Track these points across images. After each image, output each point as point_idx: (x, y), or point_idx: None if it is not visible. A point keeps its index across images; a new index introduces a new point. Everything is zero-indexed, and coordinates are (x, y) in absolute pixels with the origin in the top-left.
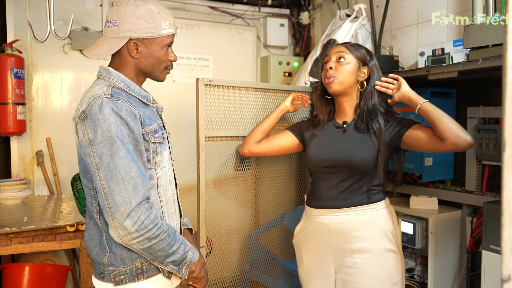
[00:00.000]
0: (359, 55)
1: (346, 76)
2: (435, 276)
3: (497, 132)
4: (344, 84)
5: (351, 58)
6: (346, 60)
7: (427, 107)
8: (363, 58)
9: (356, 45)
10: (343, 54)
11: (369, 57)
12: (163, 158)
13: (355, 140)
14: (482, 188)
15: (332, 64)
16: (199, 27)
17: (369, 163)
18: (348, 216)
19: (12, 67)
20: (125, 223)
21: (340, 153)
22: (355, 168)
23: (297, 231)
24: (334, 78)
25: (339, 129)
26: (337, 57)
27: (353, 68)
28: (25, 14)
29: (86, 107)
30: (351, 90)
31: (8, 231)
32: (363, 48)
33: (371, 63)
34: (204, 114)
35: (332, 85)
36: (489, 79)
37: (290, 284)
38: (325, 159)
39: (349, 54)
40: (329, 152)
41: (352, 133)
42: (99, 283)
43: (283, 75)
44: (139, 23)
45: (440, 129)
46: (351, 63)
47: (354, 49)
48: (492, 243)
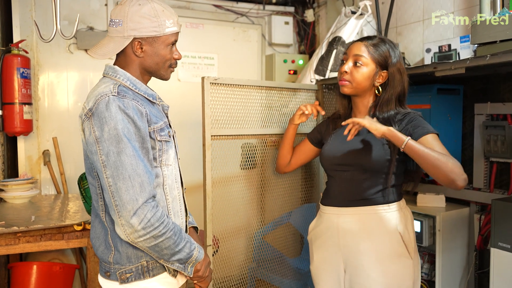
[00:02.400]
0: (378, 58)
1: (360, 81)
2: (443, 274)
3: (505, 128)
4: (357, 89)
5: (369, 62)
6: (363, 64)
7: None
8: (383, 61)
9: (379, 43)
10: (360, 58)
11: (392, 57)
12: (169, 156)
13: (368, 139)
14: (490, 185)
15: (347, 68)
16: (204, 25)
17: (381, 163)
18: (357, 216)
19: (18, 67)
20: (132, 221)
21: (352, 152)
22: (367, 167)
23: (311, 228)
24: (348, 83)
25: None
26: (354, 60)
27: (369, 73)
28: (31, 14)
29: (92, 105)
30: (365, 93)
31: (16, 230)
32: (387, 46)
33: (391, 68)
34: (210, 113)
35: (344, 88)
36: (497, 75)
37: (297, 283)
38: (337, 157)
39: (368, 57)
40: (342, 150)
41: (366, 132)
42: (105, 281)
43: (288, 73)
44: (143, 21)
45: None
46: (368, 67)
47: (375, 50)
48: (501, 241)
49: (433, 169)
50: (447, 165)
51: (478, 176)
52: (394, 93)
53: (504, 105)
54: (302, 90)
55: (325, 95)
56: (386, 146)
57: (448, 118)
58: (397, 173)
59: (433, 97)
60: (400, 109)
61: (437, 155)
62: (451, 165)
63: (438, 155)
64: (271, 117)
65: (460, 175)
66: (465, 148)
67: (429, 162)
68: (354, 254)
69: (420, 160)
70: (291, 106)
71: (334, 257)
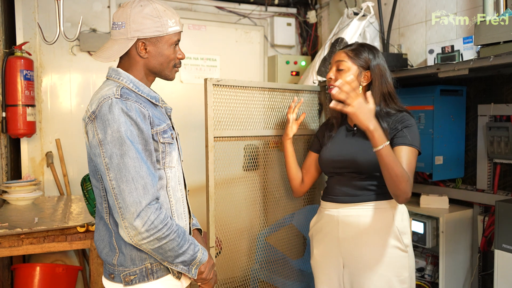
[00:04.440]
0: (358, 60)
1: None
2: (446, 275)
3: (508, 129)
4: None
5: (350, 65)
6: (345, 69)
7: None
8: (363, 62)
9: (357, 49)
10: (341, 64)
11: (372, 58)
12: (172, 158)
13: (363, 142)
14: (494, 186)
15: (331, 74)
16: (206, 27)
17: (375, 164)
18: (356, 210)
19: (21, 69)
20: (135, 223)
21: (348, 155)
22: (362, 168)
23: (312, 224)
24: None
25: (350, 131)
26: (336, 66)
27: (352, 75)
28: (34, 16)
29: (96, 107)
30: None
31: (19, 232)
32: (366, 51)
33: (373, 67)
34: (213, 114)
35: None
36: (500, 76)
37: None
38: (334, 160)
39: (348, 62)
40: (338, 154)
41: (361, 135)
42: (109, 283)
43: (290, 75)
44: (146, 22)
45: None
46: (351, 70)
47: (354, 55)
48: (505, 242)
49: (390, 179)
50: (400, 185)
51: (481, 177)
52: (378, 91)
53: (507, 106)
54: (304, 91)
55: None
56: None
57: (451, 119)
58: None
59: (436, 98)
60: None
61: (400, 171)
62: (403, 186)
63: (401, 172)
64: (273, 118)
65: (404, 195)
66: (468, 149)
67: (390, 173)
68: (353, 247)
69: (383, 166)
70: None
71: (333, 252)
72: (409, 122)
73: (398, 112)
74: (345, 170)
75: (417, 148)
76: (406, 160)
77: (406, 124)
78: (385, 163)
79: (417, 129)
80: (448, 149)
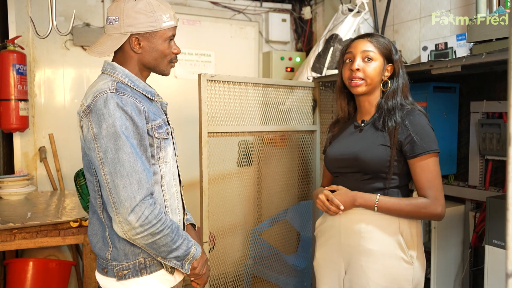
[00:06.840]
0: (384, 51)
1: (373, 76)
2: (437, 271)
3: (500, 126)
4: (371, 86)
5: (377, 56)
6: (372, 59)
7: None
8: (388, 54)
9: (381, 38)
10: (370, 54)
11: (394, 51)
12: (167, 153)
13: (369, 139)
14: (485, 183)
15: (359, 64)
16: (201, 22)
17: (379, 163)
18: (359, 216)
19: (14, 63)
20: (129, 218)
21: (352, 153)
22: (366, 168)
23: (317, 224)
24: (362, 81)
25: (357, 128)
26: (363, 56)
27: (379, 67)
28: (27, 10)
29: (91, 101)
30: (375, 89)
31: (12, 227)
32: (386, 40)
33: (395, 60)
34: (207, 110)
35: (358, 88)
36: (493, 74)
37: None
38: (338, 159)
39: (376, 52)
40: (341, 153)
41: (368, 131)
42: (102, 278)
43: (285, 70)
44: (139, 17)
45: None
46: (378, 61)
47: (380, 45)
48: (496, 238)
49: (411, 217)
50: (419, 214)
51: (473, 174)
52: (400, 84)
53: (499, 103)
54: (299, 87)
55: (321, 93)
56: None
57: (444, 116)
58: (401, 174)
59: (429, 95)
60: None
61: (408, 208)
62: (424, 212)
63: (408, 207)
64: (268, 114)
65: (435, 218)
66: (460, 146)
67: (406, 215)
68: (355, 254)
69: (396, 215)
70: (288, 103)
71: (335, 256)
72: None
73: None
74: (348, 170)
75: (433, 150)
76: (428, 173)
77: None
78: (391, 212)
79: (429, 127)
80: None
